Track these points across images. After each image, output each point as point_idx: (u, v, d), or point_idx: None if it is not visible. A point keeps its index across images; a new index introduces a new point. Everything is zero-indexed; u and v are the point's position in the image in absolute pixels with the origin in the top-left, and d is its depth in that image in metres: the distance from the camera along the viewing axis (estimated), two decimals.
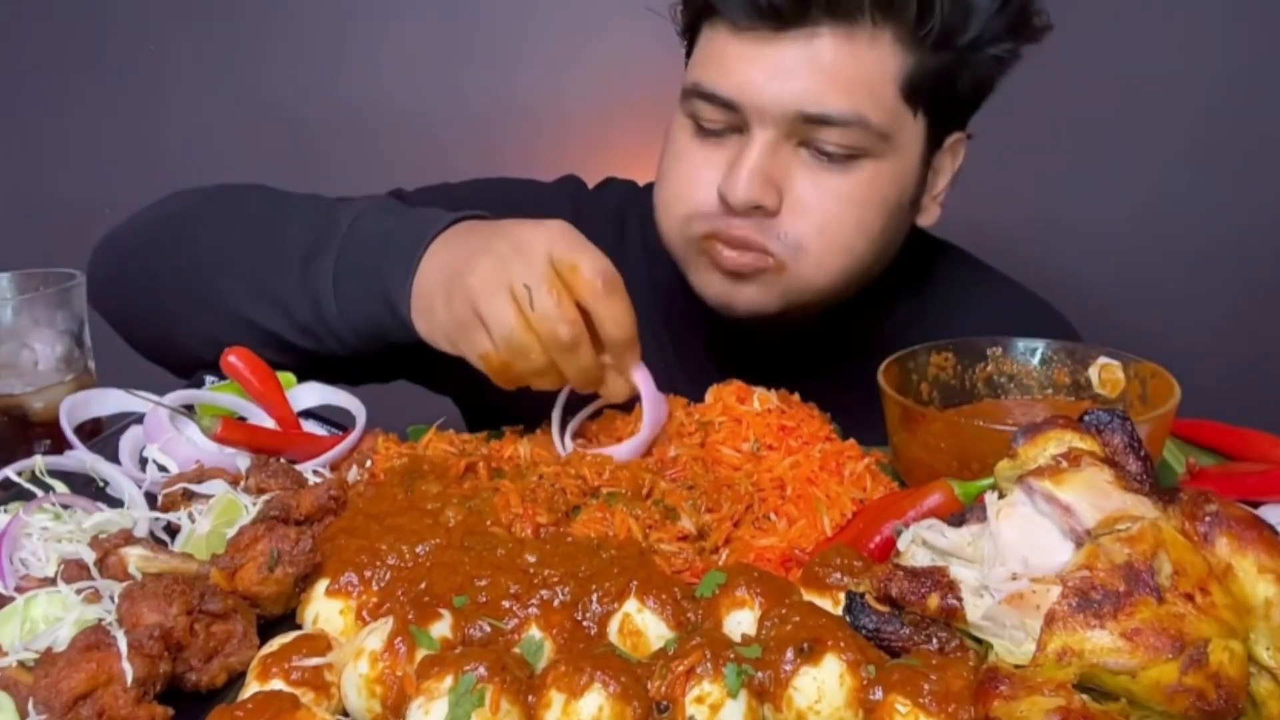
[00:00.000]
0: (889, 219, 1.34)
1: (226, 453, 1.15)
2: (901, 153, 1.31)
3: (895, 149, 1.30)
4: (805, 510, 1.05)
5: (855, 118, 1.25)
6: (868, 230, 1.32)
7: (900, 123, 1.29)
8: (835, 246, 1.31)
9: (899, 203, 1.35)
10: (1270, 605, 0.76)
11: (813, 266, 1.32)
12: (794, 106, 1.24)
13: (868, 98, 1.25)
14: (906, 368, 1.22)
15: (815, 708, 0.76)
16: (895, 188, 1.33)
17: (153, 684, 0.79)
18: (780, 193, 1.29)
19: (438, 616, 0.84)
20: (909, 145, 1.32)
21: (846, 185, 1.29)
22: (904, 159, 1.32)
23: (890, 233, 1.36)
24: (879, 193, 1.31)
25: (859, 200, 1.30)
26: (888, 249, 1.39)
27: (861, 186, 1.30)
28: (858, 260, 1.34)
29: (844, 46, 1.24)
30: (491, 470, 1.10)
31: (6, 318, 1.29)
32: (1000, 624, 0.77)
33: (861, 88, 1.24)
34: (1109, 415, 0.87)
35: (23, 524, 0.97)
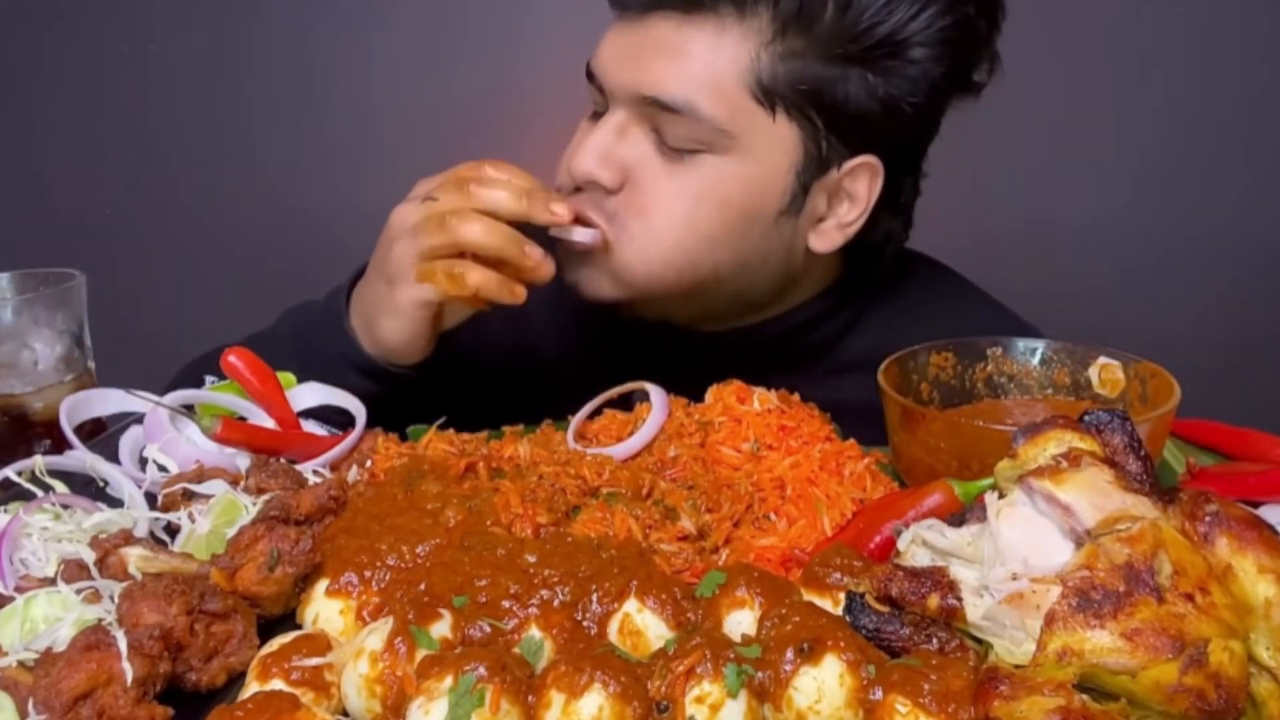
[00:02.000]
0: (733, 222, 1.29)
1: (226, 453, 1.15)
2: (753, 156, 1.26)
3: (744, 150, 1.26)
4: (805, 510, 1.05)
5: (687, 106, 1.23)
6: (701, 227, 1.29)
7: (748, 123, 1.24)
8: (660, 234, 1.29)
9: (751, 210, 1.29)
10: (1270, 605, 0.76)
11: (635, 251, 1.30)
12: (635, 88, 1.25)
13: (706, 90, 1.23)
14: (906, 368, 1.22)
15: (815, 708, 0.76)
16: (743, 192, 1.28)
17: (153, 684, 0.79)
18: (623, 174, 1.29)
19: (438, 616, 0.84)
20: (766, 150, 1.26)
21: (684, 176, 1.27)
22: (758, 163, 1.27)
23: (741, 240, 1.31)
24: (719, 191, 1.27)
25: (693, 194, 1.27)
26: (744, 258, 1.33)
27: (699, 180, 1.27)
28: (687, 255, 1.30)
29: (688, 34, 1.23)
30: (491, 470, 1.10)
31: (6, 318, 1.29)
32: (1000, 624, 0.77)
33: (700, 78, 1.23)
34: (1109, 415, 0.87)
35: (23, 524, 0.97)
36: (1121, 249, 2.59)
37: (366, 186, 2.60)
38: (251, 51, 2.64)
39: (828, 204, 1.33)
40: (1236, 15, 2.44)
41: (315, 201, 2.66)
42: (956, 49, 1.25)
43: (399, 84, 2.64)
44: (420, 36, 2.60)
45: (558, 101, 2.58)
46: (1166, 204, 2.57)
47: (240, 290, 2.72)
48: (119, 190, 2.74)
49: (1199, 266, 2.59)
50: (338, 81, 2.65)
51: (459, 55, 2.60)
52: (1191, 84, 2.49)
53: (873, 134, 1.28)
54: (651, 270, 1.31)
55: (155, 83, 2.67)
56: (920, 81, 1.24)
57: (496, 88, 2.60)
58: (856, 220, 1.34)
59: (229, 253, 2.74)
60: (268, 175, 2.70)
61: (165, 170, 2.72)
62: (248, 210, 2.72)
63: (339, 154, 2.68)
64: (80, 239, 2.70)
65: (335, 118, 2.67)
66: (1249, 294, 2.60)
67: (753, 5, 1.21)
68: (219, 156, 2.70)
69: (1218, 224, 2.56)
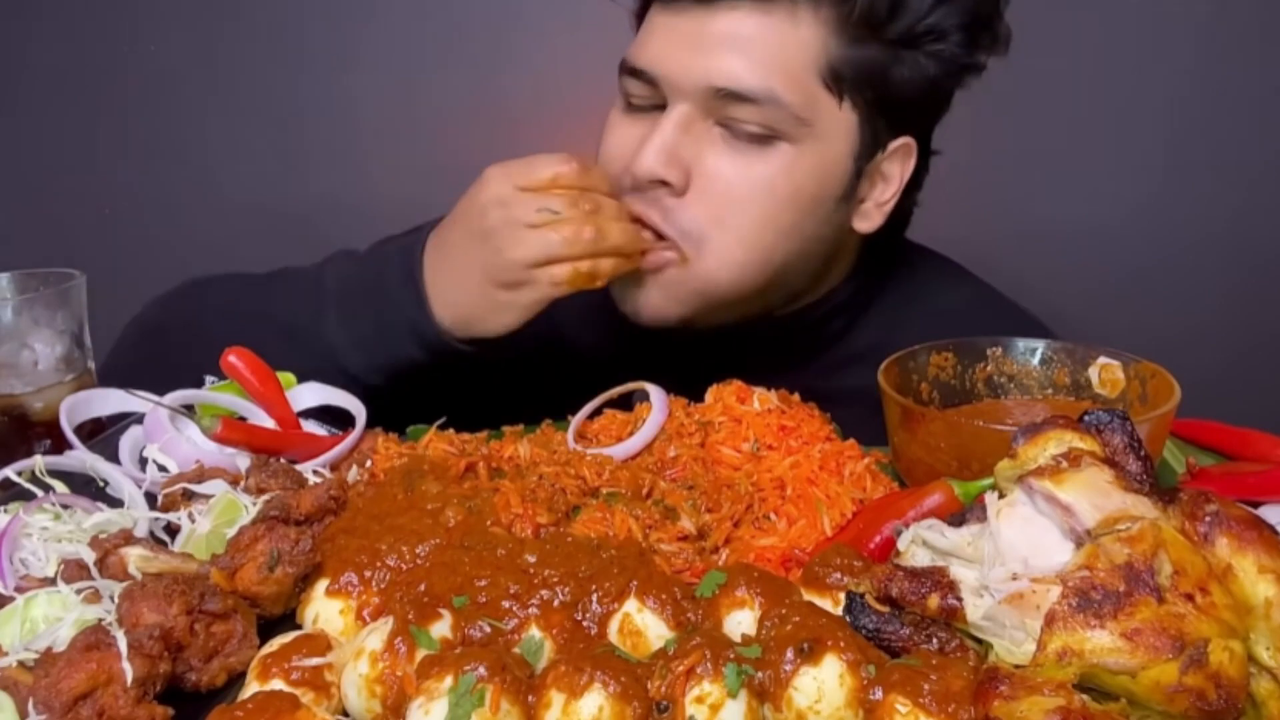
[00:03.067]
0: (804, 213, 1.30)
1: (226, 453, 1.15)
2: (823, 143, 1.27)
3: (815, 138, 1.26)
4: (805, 510, 1.05)
5: (767, 95, 1.22)
6: (777, 222, 1.28)
7: (820, 109, 1.25)
8: (740, 237, 1.28)
9: (818, 197, 1.30)
10: (1270, 605, 0.76)
11: (715, 260, 1.29)
12: (706, 80, 1.23)
13: (783, 76, 1.23)
14: (906, 368, 1.22)
15: (815, 708, 0.76)
16: (814, 180, 1.28)
17: (153, 684, 0.79)
18: (688, 172, 1.27)
19: (438, 616, 0.84)
20: (833, 137, 1.28)
21: (758, 169, 1.26)
22: (827, 150, 1.28)
23: (808, 230, 1.32)
24: (793, 182, 1.27)
25: (768, 187, 1.27)
26: (806, 246, 1.34)
27: (774, 172, 1.26)
28: (764, 255, 1.30)
29: (761, 22, 1.23)
30: (491, 470, 1.10)
31: (6, 318, 1.29)
32: (1000, 624, 0.77)
33: (777, 66, 1.23)
34: (1109, 415, 0.87)
35: (23, 524, 0.97)
36: (1121, 249, 2.59)
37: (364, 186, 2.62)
38: (250, 52, 2.64)
39: (868, 186, 1.35)
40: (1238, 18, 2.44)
41: (313, 201, 2.65)
42: (979, 31, 1.29)
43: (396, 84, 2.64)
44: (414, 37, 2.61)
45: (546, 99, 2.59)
46: (1166, 205, 2.57)
47: None
48: (119, 190, 2.74)
49: (1199, 267, 2.59)
50: (335, 82, 2.65)
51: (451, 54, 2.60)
52: (1191, 85, 2.49)
53: (914, 115, 1.33)
54: (732, 278, 1.31)
55: (155, 83, 2.67)
56: (954, 61, 1.28)
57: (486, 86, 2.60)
58: (891, 199, 1.36)
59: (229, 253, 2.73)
60: (267, 175, 2.70)
61: (165, 170, 2.72)
62: (247, 210, 2.72)
63: (338, 154, 2.68)
64: (80, 239, 2.70)
65: (333, 118, 2.67)
66: (1249, 294, 2.60)
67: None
68: (219, 156, 2.70)
69: (1218, 224, 2.56)
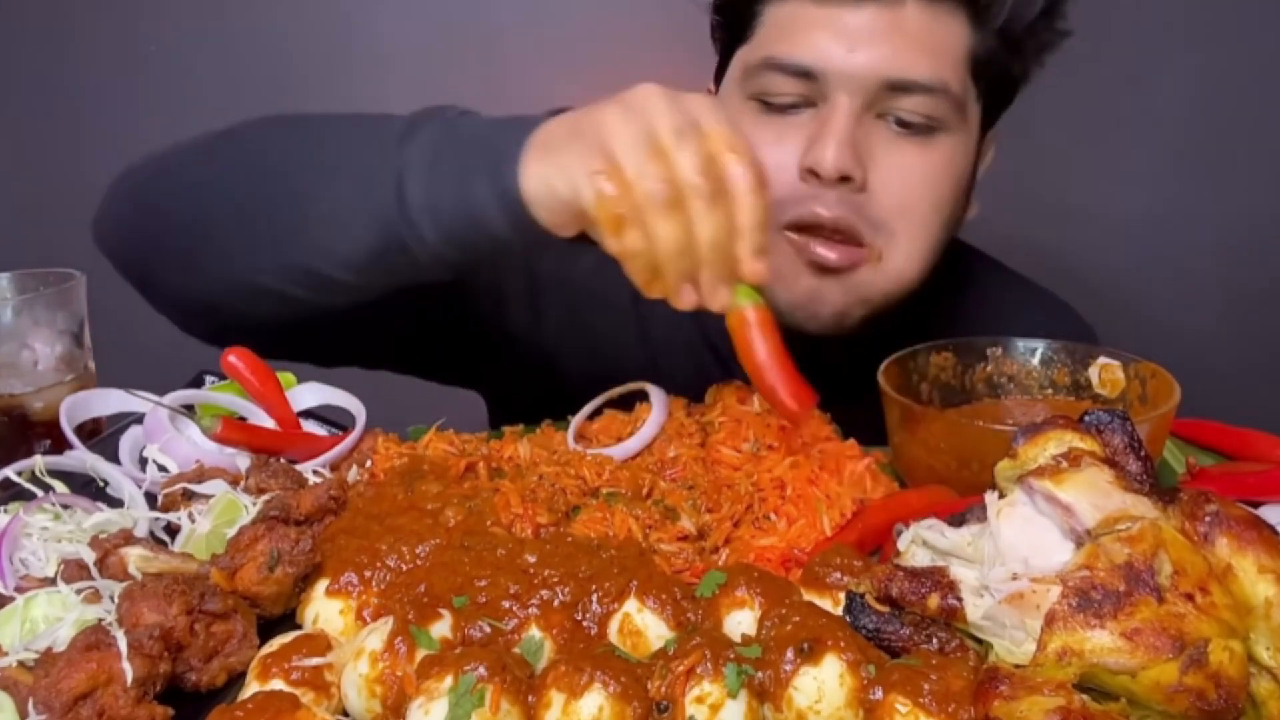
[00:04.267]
0: (960, 200, 1.33)
1: (226, 453, 1.15)
2: (968, 131, 1.31)
3: (966, 125, 1.30)
4: (805, 510, 1.05)
5: (939, 84, 1.24)
6: (944, 210, 1.30)
7: (969, 99, 1.29)
8: (920, 227, 1.28)
9: (966, 184, 1.34)
10: (1270, 605, 0.76)
11: (902, 253, 1.28)
12: (878, 72, 1.22)
13: (949, 66, 1.25)
14: (906, 368, 1.22)
15: (815, 708, 0.76)
16: (966, 167, 1.32)
17: (153, 684, 0.79)
18: (865, 166, 1.25)
19: (438, 616, 0.84)
20: (973, 124, 1.32)
21: (926, 158, 1.27)
22: (970, 138, 1.31)
23: (955, 219, 1.35)
24: (954, 171, 1.30)
25: (936, 176, 1.28)
26: (949, 239, 1.35)
27: (939, 160, 1.28)
28: (935, 244, 1.31)
29: (927, 13, 1.24)
30: (491, 470, 1.10)
31: (6, 318, 1.29)
32: (1000, 624, 0.77)
33: (944, 55, 1.24)
34: (1109, 415, 0.87)
35: (23, 524, 0.97)
36: (1122, 250, 2.59)
37: None
38: (250, 53, 2.64)
39: None
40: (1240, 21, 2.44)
41: None
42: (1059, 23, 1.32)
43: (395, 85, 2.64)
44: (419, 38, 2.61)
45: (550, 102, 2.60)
46: (1167, 205, 2.57)
47: None
48: None
49: (1200, 267, 2.59)
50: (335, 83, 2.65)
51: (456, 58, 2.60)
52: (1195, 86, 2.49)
53: (1009, 104, 1.37)
54: (916, 271, 1.30)
55: (154, 83, 2.67)
56: (1041, 55, 1.33)
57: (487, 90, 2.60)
58: (975, 186, 1.39)
59: None
60: None
61: None
62: None
63: None
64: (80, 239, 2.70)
65: None
66: (1249, 294, 2.60)
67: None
68: None
69: (1219, 225, 2.56)
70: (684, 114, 0.98)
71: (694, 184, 0.95)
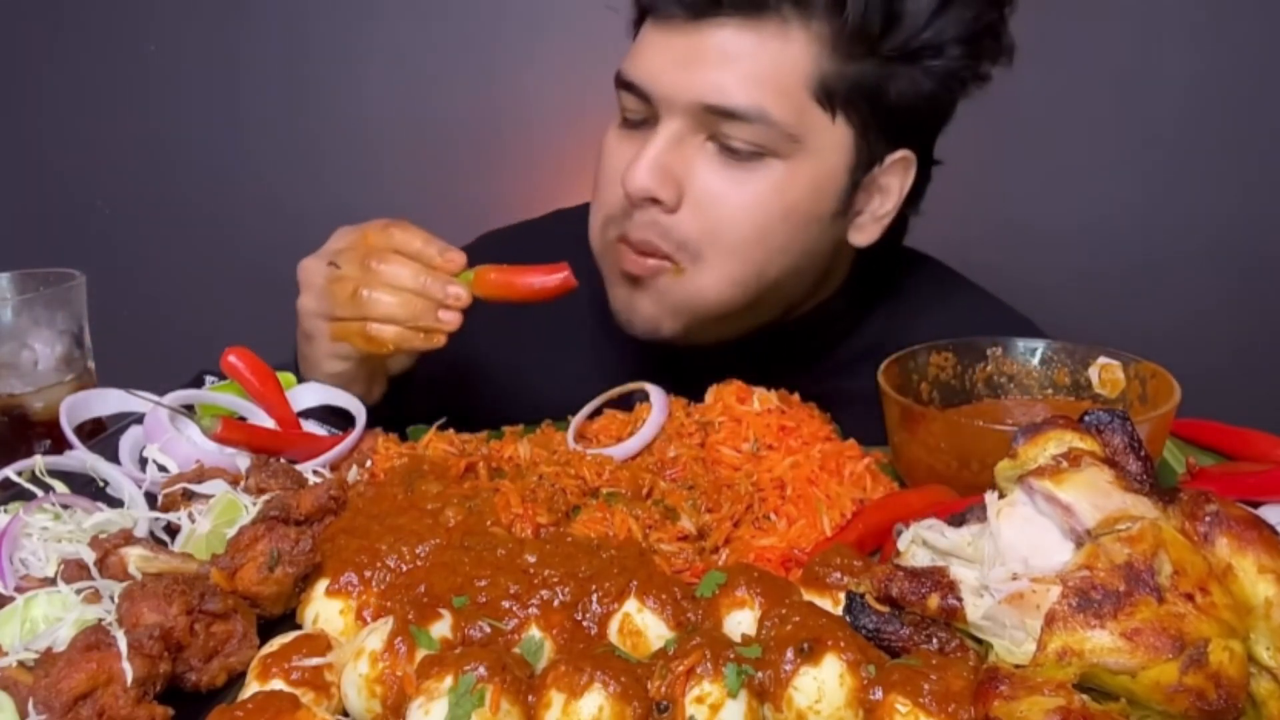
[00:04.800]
0: (796, 228, 1.29)
1: (226, 453, 1.15)
2: (816, 158, 1.26)
3: (808, 153, 1.25)
4: (805, 510, 1.05)
5: (757, 112, 1.22)
6: (769, 238, 1.28)
7: (812, 125, 1.25)
8: (732, 253, 1.27)
9: (812, 213, 1.29)
10: (1270, 605, 0.76)
11: (708, 275, 1.28)
12: (696, 96, 1.23)
13: (773, 94, 1.22)
14: (906, 368, 1.22)
15: (815, 708, 0.76)
16: (807, 196, 1.28)
17: (153, 684, 0.79)
18: (681, 188, 1.26)
19: (438, 616, 0.84)
20: (826, 152, 1.27)
21: (749, 185, 1.25)
22: (820, 166, 1.27)
23: (801, 244, 1.31)
24: (785, 198, 1.26)
25: (760, 203, 1.26)
26: (800, 261, 1.33)
27: (766, 189, 1.26)
28: (755, 270, 1.29)
29: (751, 38, 1.22)
30: (491, 470, 1.10)
31: (6, 318, 1.29)
32: (1000, 624, 0.77)
33: (767, 83, 1.22)
34: (1109, 415, 0.87)
35: (23, 524, 0.97)
36: (1121, 249, 2.59)
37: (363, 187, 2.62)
38: (249, 53, 2.65)
39: (865, 199, 1.34)
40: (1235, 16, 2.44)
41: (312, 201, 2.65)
42: (982, 44, 1.28)
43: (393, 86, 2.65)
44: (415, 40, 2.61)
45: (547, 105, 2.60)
46: (1167, 204, 2.57)
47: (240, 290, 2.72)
48: (119, 190, 2.74)
49: (1199, 266, 2.59)
50: (334, 83, 2.65)
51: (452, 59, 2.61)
52: (1192, 83, 2.49)
53: (912, 129, 1.31)
54: (723, 294, 1.30)
55: (154, 83, 2.67)
56: (954, 76, 1.27)
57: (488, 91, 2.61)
58: (890, 212, 1.35)
59: (228, 252, 2.75)
60: (265, 176, 2.70)
61: (165, 170, 2.72)
62: (246, 210, 2.72)
63: (336, 154, 2.68)
64: (80, 239, 2.70)
65: (331, 119, 2.68)
66: (1249, 294, 2.60)
67: (815, 9, 1.21)
68: (218, 157, 2.70)
69: (1218, 224, 2.56)
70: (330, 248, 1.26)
71: (364, 267, 1.19)
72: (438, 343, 1.22)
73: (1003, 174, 2.49)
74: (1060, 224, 2.58)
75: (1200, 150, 2.53)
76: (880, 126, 1.28)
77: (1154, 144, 2.54)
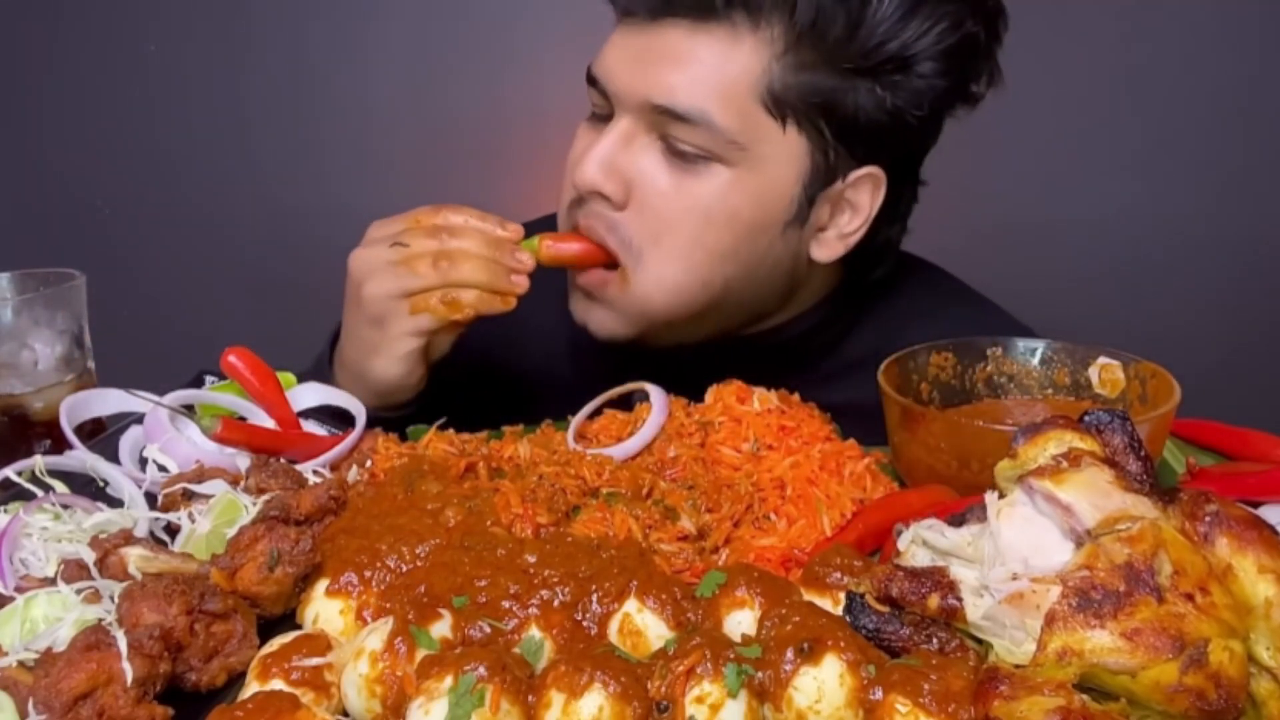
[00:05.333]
0: (740, 236, 1.28)
1: (226, 453, 1.15)
2: (763, 167, 1.25)
3: (755, 161, 1.25)
4: (805, 510, 1.05)
5: (700, 115, 1.22)
6: (710, 243, 1.27)
7: (759, 134, 1.24)
8: (673, 256, 1.27)
9: (758, 221, 1.28)
10: (1270, 605, 0.76)
11: (650, 278, 1.28)
12: (645, 95, 1.24)
13: (719, 99, 1.22)
14: (906, 368, 1.22)
15: (815, 708, 0.76)
16: (752, 204, 1.27)
17: (153, 684, 0.79)
18: (628, 186, 1.27)
19: (438, 616, 0.84)
20: (775, 162, 1.25)
21: (694, 189, 1.26)
22: (767, 175, 1.26)
23: (748, 253, 1.30)
24: (729, 204, 1.26)
25: (702, 207, 1.26)
26: (750, 270, 1.32)
27: (708, 192, 1.25)
28: (700, 276, 1.29)
29: (700, 41, 1.22)
30: (491, 470, 1.10)
31: (6, 318, 1.29)
32: (1000, 624, 0.77)
33: (714, 87, 1.22)
34: (1109, 415, 0.87)
35: (23, 524, 0.97)
36: (1121, 248, 2.59)
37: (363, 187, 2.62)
38: (249, 53, 2.65)
39: (830, 214, 1.32)
40: (1235, 15, 2.44)
41: (313, 202, 2.66)
42: (961, 63, 1.26)
43: (394, 86, 2.64)
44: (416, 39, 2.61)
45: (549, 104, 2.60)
46: (1167, 204, 2.57)
47: (240, 290, 2.72)
48: (119, 190, 2.74)
49: (1199, 266, 2.59)
50: (334, 83, 2.65)
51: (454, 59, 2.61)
52: (1191, 83, 2.49)
53: (878, 145, 1.28)
54: (667, 298, 1.30)
55: (154, 84, 2.67)
56: (926, 94, 1.25)
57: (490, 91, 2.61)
58: (858, 230, 1.33)
59: (228, 253, 2.75)
60: (266, 176, 2.70)
61: (165, 170, 2.72)
62: (246, 210, 2.72)
63: (336, 155, 2.68)
64: (80, 239, 2.70)
65: (332, 119, 2.68)
66: (1249, 294, 2.60)
67: (766, 16, 1.20)
68: (218, 157, 2.70)
69: (1218, 223, 2.56)
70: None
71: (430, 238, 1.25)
72: (510, 305, 1.27)
73: (1003, 174, 2.49)
74: (1060, 224, 2.58)
75: (1201, 150, 2.53)
76: (840, 140, 1.26)
77: (1154, 144, 2.54)
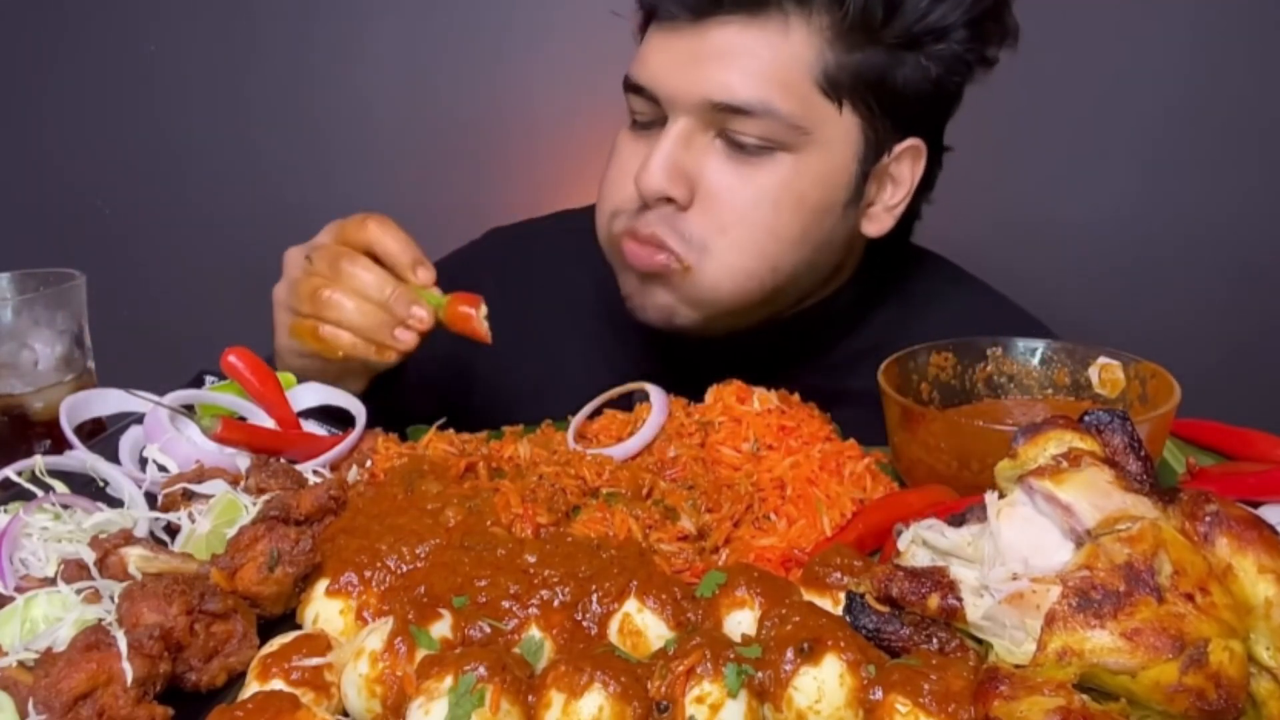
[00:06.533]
0: (808, 220, 1.30)
1: (226, 453, 1.15)
2: (825, 149, 1.27)
3: (817, 145, 1.27)
4: (805, 510, 1.05)
5: (762, 107, 1.23)
6: (780, 230, 1.29)
7: (819, 117, 1.26)
8: (743, 246, 1.28)
9: (823, 204, 1.30)
10: (1270, 605, 0.76)
11: (718, 267, 1.29)
12: (702, 94, 1.24)
13: (778, 87, 1.23)
14: (906, 368, 1.22)
15: (815, 708, 0.76)
16: (817, 187, 1.29)
17: (153, 684, 0.79)
18: (692, 186, 1.27)
19: (438, 616, 0.84)
20: (835, 143, 1.28)
21: (759, 179, 1.27)
22: (829, 157, 1.28)
23: (815, 236, 1.32)
24: (795, 190, 1.28)
25: (771, 196, 1.27)
26: (815, 254, 1.34)
27: (776, 182, 1.27)
28: (769, 263, 1.30)
29: (753, 35, 1.23)
30: (491, 470, 1.10)
31: (6, 318, 1.29)
32: (1000, 624, 0.77)
33: (771, 77, 1.23)
34: (1109, 415, 0.87)
35: (23, 524, 0.97)
36: (1122, 248, 2.59)
37: (364, 186, 2.62)
38: (250, 53, 2.65)
39: (876, 189, 1.35)
40: (1237, 15, 2.44)
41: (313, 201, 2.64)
42: (985, 26, 1.29)
43: (395, 86, 2.64)
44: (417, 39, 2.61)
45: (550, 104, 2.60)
46: (1167, 204, 2.57)
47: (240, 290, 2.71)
48: (119, 190, 2.74)
49: (1199, 266, 2.59)
50: (335, 82, 2.65)
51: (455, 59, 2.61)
52: (1192, 83, 2.49)
53: (921, 116, 1.32)
54: (737, 286, 1.31)
55: (154, 84, 2.67)
56: (960, 60, 1.28)
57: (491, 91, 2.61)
58: (902, 201, 1.36)
59: (229, 253, 2.74)
60: (266, 175, 2.70)
61: (165, 170, 2.72)
62: (247, 210, 2.72)
63: (337, 154, 2.68)
64: (80, 239, 2.70)
65: (333, 118, 2.68)
66: (1249, 294, 2.60)
67: (815, 1, 1.22)
68: (218, 157, 2.70)
69: (1218, 224, 2.56)
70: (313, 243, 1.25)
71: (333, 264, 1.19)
72: (389, 359, 1.21)
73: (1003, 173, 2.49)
74: (1060, 224, 2.58)
75: (1201, 150, 2.53)
76: (887, 115, 1.29)
77: (1155, 144, 2.54)
